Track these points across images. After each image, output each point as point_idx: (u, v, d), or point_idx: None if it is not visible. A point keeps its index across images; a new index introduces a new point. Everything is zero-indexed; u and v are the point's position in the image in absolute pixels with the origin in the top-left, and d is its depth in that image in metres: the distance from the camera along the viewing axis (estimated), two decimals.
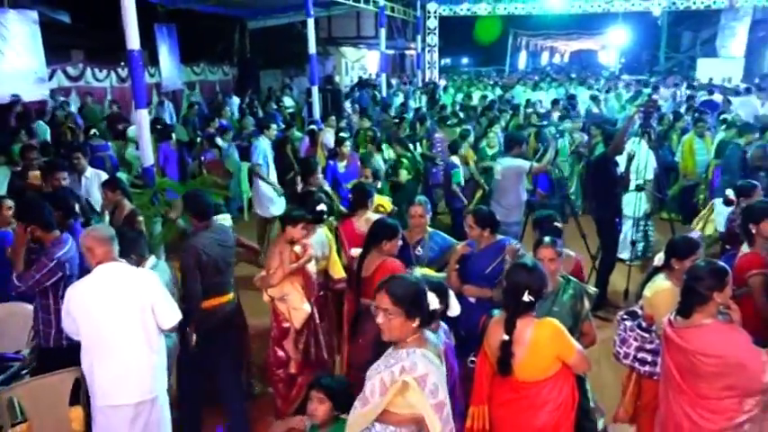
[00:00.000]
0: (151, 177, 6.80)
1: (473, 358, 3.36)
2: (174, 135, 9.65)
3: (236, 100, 15.85)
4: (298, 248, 4.35)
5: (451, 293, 3.40)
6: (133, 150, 9.64)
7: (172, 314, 3.62)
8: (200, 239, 4.18)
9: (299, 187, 6.63)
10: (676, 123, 10.21)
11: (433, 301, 2.81)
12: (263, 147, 8.03)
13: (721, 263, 3.11)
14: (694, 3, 19.14)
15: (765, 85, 15.78)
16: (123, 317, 3.46)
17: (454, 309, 3.39)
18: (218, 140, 9.86)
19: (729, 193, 5.54)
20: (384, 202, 5.83)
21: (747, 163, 7.43)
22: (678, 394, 3.04)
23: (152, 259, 4.28)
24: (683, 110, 12.62)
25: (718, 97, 13.90)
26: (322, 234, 4.65)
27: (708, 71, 19.78)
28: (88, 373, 3.52)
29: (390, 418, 2.64)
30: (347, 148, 7.74)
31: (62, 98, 13.01)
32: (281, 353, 4.48)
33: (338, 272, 4.74)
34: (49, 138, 10.14)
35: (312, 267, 4.45)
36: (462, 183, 7.91)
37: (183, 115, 13.98)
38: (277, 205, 7.92)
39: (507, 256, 4.07)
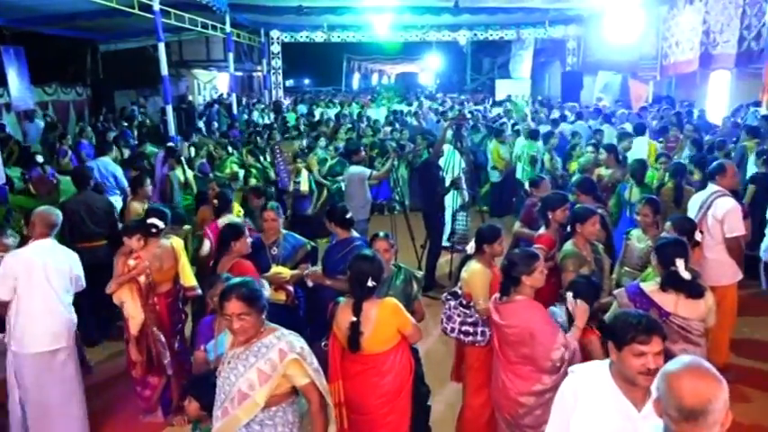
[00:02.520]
0: (4, 195, 6.09)
1: (325, 341, 3.36)
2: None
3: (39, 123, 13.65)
4: (132, 261, 4.08)
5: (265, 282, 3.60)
6: None
7: (83, 281, 4.09)
8: (69, 200, 5.45)
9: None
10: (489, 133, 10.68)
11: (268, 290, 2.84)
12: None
13: (532, 251, 3.27)
14: (491, 35, 20.51)
15: (546, 103, 17.27)
16: (57, 279, 3.85)
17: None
18: (38, 158, 8.09)
19: (526, 184, 5.99)
20: (236, 207, 5.64)
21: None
22: (497, 360, 3.22)
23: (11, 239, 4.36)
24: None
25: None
26: (166, 245, 4.26)
27: (504, 89, 21.39)
28: (16, 325, 3.75)
29: (270, 401, 2.59)
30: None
31: None
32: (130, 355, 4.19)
33: (189, 280, 4.35)
34: None
35: (142, 279, 4.10)
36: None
37: (42, 135, 12.58)
38: None
39: (308, 280, 4.23)
